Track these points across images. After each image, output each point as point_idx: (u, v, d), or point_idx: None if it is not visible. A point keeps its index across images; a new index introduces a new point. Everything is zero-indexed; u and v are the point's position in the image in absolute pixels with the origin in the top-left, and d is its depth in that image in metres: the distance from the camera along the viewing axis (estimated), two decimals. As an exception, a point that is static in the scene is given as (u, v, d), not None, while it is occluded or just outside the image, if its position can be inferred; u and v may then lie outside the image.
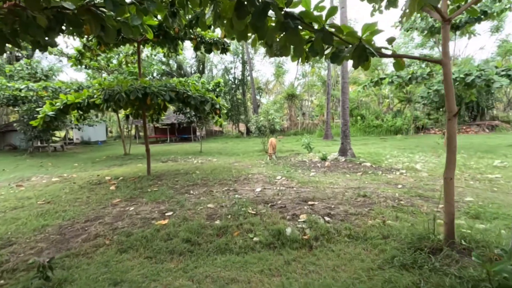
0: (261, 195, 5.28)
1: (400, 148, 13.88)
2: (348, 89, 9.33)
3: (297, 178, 6.83)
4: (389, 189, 5.36)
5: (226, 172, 8.27)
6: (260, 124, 13.51)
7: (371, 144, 16.95)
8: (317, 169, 8.13)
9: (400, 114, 24.05)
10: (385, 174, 6.98)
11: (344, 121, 9.30)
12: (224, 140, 26.59)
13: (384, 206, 4.22)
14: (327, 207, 4.31)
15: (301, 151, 13.09)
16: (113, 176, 8.33)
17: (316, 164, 8.91)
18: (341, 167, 8.09)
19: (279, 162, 9.97)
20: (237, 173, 7.92)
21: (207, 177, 7.52)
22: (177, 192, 5.87)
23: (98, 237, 3.45)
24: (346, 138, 9.30)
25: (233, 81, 29.20)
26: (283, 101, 31.20)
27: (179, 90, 6.44)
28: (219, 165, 10.07)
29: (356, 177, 6.82)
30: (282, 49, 3.05)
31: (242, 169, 8.89)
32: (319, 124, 27.85)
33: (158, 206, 4.79)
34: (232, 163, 10.57)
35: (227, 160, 11.79)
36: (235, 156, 13.26)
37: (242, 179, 7.10)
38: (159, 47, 9.15)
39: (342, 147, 9.38)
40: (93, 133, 27.59)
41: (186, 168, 9.53)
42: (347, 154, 9.23)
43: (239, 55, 28.15)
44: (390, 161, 9.00)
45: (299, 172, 7.89)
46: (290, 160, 10.57)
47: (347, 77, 9.16)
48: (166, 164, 11.08)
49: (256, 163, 10.16)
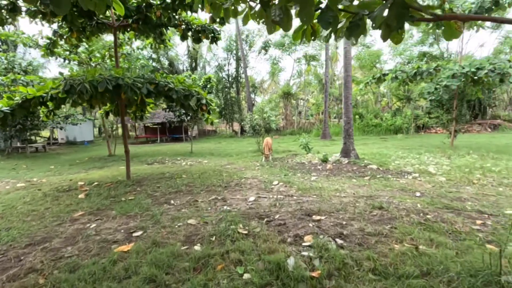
0: (255, 206, 4.41)
1: (403, 148, 13.16)
2: (351, 84, 8.53)
3: (297, 183, 5.99)
4: (407, 198, 4.54)
5: (216, 176, 7.39)
6: (254, 123, 12.65)
7: (371, 144, 16.23)
8: (318, 173, 7.30)
9: (400, 113, 23.43)
10: (396, 179, 6.18)
11: (347, 119, 8.49)
12: (217, 140, 25.67)
13: (408, 223, 3.39)
14: (337, 223, 3.47)
15: (298, 152, 12.27)
16: (88, 181, 7.38)
17: (316, 167, 8.09)
18: (345, 170, 7.27)
19: (276, 164, 9.12)
20: (228, 178, 7.05)
21: (194, 182, 6.64)
22: (155, 202, 4.98)
23: (32, 272, 2.54)
24: (349, 138, 8.50)
25: (226, 78, 28.28)
26: (279, 99, 30.40)
27: (159, 83, 5.53)
28: (209, 167, 9.19)
29: (364, 182, 6.00)
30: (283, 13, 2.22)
31: (235, 172, 8.03)
32: (316, 123, 27.12)
33: (127, 222, 3.89)
34: (224, 166, 9.70)
35: (219, 162, 10.91)
36: (228, 157, 12.38)
37: (233, 184, 6.23)
38: (141, 35, 8.22)
39: (345, 147, 8.57)
40: (79, 132, 26.39)
41: (172, 172, 8.62)
42: (351, 156, 8.43)
43: (233, 51, 27.24)
44: (398, 163, 8.22)
45: (298, 176, 7.05)
46: (288, 161, 9.73)
47: (351, 70, 8.37)
48: (150, 167, 10.15)
49: (250, 165, 9.30)
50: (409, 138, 18.48)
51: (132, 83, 5.12)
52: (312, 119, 29.31)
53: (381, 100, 27.44)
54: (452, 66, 9.96)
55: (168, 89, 5.57)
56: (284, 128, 28.29)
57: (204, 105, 5.99)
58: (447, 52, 24.07)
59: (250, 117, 12.93)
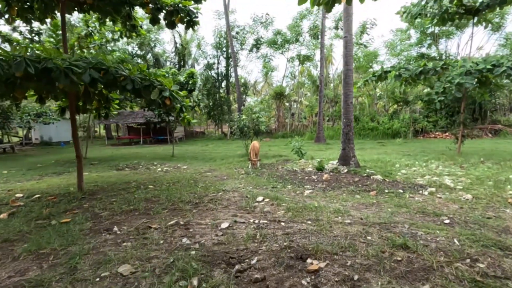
0: (227, 238, 3.17)
1: (404, 154, 12.12)
2: (352, 80, 7.40)
3: (287, 200, 4.78)
4: (435, 227, 3.37)
5: (189, 187, 6.14)
6: (242, 124, 11.42)
7: (369, 148, 15.20)
8: (313, 185, 6.10)
9: (397, 116, 22.57)
10: (410, 195, 5.02)
11: (347, 120, 7.33)
12: (204, 142, 24.32)
13: (456, 279, 2.21)
14: (346, 277, 2.26)
15: (290, 157, 11.08)
16: (29, 193, 6.02)
17: (310, 176, 6.89)
18: (345, 182, 6.09)
19: (263, 172, 7.90)
20: (203, 190, 5.80)
21: (159, 196, 5.36)
22: (94, 228, 3.69)
23: None
24: (349, 143, 7.34)
25: (216, 77, 26.98)
26: (271, 101, 29.27)
27: (109, 69, 4.25)
28: (186, 175, 7.91)
29: (371, 199, 4.83)
30: None
31: (214, 182, 6.79)
32: (309, 125, 26.07)
33: (26, 269, 2.60)
34: (203, 173, 8.44)
35: (200, 167, 9.65)
36: (211, 162, 11.11)
37: (207, 200, 4.98)
38: (102, 15, 6.93)
39: (344, 153, 7.41)
40: (56, 132, 24.64)
41: (140, 180, 7.32)
42: (350, 163, 7.27)
43: (223, 48, 25.98)
44: (405, 173, 7.11)
45: (289, 188, 5.83)
46: (277, 169, 8.53)
47: (351, 63, 7.24)
48: (118, 174, 8.80)
49: (234, 173, 8.06)
50: (408, 143, 17.54)
51: (67, 67, 3.83)
52: (306, 121, 28.26)
53: (377, 102, 26.59)
54: (464, 63, 8.96)
55: (121, 77, 4.29)
56: (276, 130, 27.14)
57: (167, 98, 4.71)
58: (445, 54, 23.38)
59: (237, 117, 11.70)
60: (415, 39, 24.67)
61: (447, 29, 22.72)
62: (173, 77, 12.14)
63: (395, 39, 24.90)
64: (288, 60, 27.26)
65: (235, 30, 25.52)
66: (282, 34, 24.76)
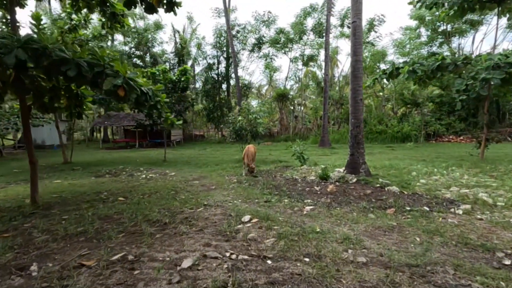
0: (182, 290, 2.14)
1: (419, 159, 10.98)
2: (362, 72, 6.36)
3: (280, 221, 3.74)
4: (494, 273, 2.29)
5: (166, 200, 5.14)
6: (238, 126, 10.41)
7: (377, 153, 14.06)
8: (315, 198, 5.03)
9: (407, 119, 21.39)
10: (439, 214, 3.94)
11: (355, 121, 6.26)
12: (203, 145, 23.36)
13: None
14: None
15: (291, 163, 10.02)
16: (-26, 206, 5.06)
17: (313, 187, 5.83)
18: (354, 196, 5.00)
19: (258, 181, 6.86)
20: (181, 204, 4.79)
21: (124, 212, 4.36)
22: (8, 265, 2.68)
23: None
24: (359, 147, 6.26)
25: (216, 78, 26.08)
26: (274, 103, 28.28)
27: (46, 49, 3.27)
28: (168, 184, 6.92)
29: (390, 219, 3.76)
30: None
31: (198, 193, 5.78)
32: (313, 128, 24.97)
33: None
34: (190, 181, 7.45)
35: (189, 174, 8.66)
36: (204, 168, 10.11)
37: (179, 220, 3.96)
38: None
39: (352, 160, 6.32)
40: (48, 135, 23.90)
41: (114, 190, 6.35)
42: (360, 171, 6.19)
43: (223, 48, 25.11)
44: (425, 183, 6.01)
45: (286, 203, 4.77)
46: (275, 177, 7.47)
47: (361, 53, 6.16)
48: (95, 181, 7.82)
49: (225, 182, 7.04)
50: (420, 147, 16.35)
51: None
52: (310, 124, 27.16)
53: (385, 104, 25.40)
54: (490, 56, 7.86)
55: (58, 59, 3.30)
56: (279, 133, 26.09)
57: (120, 87, 3.70)
58: (458, 52, 22.20)
59: (232, 118, 10.71)
60: (426, 37, 23.56)
61: (459, 26, 21.58)
62: (164, 75, 11.19)
63: (404, 37, 23.77)
64: (291, 60, 26.30)
65: (236, 29, 24.67)
66: (285, 33, 23.83)
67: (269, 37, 24.61)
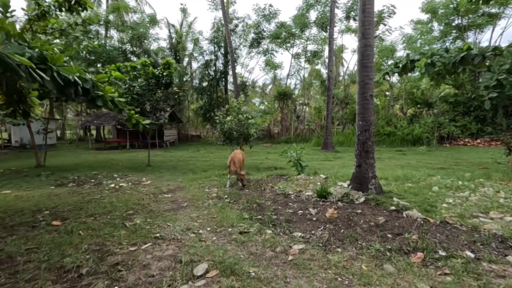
0: None
1: (435, 167, 9.65)
2: (373, 60, 5.07)
3: (249, 276, 2.47)
4: None
5: (113, 227, 3.92)
6: (227, 128, 9.15)
7: (387, 159, 12.71)
8: (308, 230, 3.75)
9: (417, 120, 19.95)
10: (493, 267, 2.63)
11: (364, 123, 4.93)
12: (198, 147, 22.15)
13: None
14: None
15: (288, 170, 8.73)
16: None
17: (307, 209, 4.53)
18: (363, 226, 3.69)
19: (242, 196, 5.60)
20: (128, 235, 3.59)
21: (41, 247, 3.14)
22: None
23: None
24: (367, 156, 4.95)
25: (213, 75, 24.82)
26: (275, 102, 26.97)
27: None
28: (134, 198, 5.71)
29: (419, 279, 2.46)
30: None
31: (160, 215, 4.56)
32: (316, 129, 23.61)
33: None
34: (163, 193, 6.26)
35: (166, 184, 7.47)
36: (188, 175, 8.89)
37: (105, 268, 2.72)
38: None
39: (359, 173, 5.01)
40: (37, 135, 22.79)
41: (60, 207, 5.20)
42: (369, 188, 4.88)
43: (221, 43, 23.84)
44: (453, 204, 4.69)
45: (267, 237, 3.50)
46: (264, 190, 6.20)
47: (372, 34, 4.83)
48: (49, 192, 6.61)
49: (202, 196, 5.81)
50: (433, 152, 14.94)
51: None
52: (313, 125, 25.80)
53: (393, 104, 23.93)
54: (530, 43, 6.48)
55: None
56: (279, 134, 24.78)
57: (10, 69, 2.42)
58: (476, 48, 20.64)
59: (220, 118, 9.44)
60: (438, 32, 22.07)
61: (475, 19, 20.06)
62: (144, 69, 9.97)
63: (414, 32, 22.30)
64: (293, 57, 24.95)
65: (234, 23, 23.42)
66: (286, 27, 22.50)
67: (270, 32, 23.29)
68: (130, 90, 10.02)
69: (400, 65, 8.63)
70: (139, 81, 10.16)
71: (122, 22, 23.55)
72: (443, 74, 8.92)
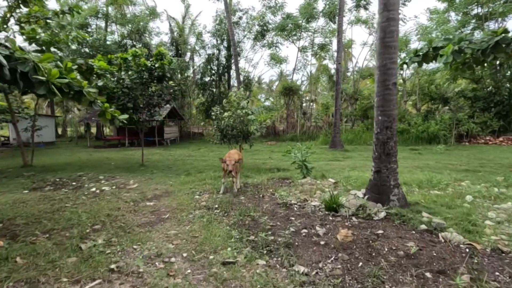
0: None
1: (458, 169, 8.62)
2: (397, 39, 4.11)
3: None
4: None
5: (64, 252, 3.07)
6: (224, 125, 8.27)
7: (401, 159, 11.63)
8: (313, 260, 2.83)
9: (432, 116, 18.75)
10: None
11: (385, 118, 3.92)
12: (199, 145, 21.36)
13: None
14: None
15: (292, 172, 7.81)
16: None
17: (313, 227, 3.62)
18: (389, 259, 2.76)
19: (235, 205, 4.72)
20: (78, 265, 2.71)
21: None
22: None
23: None
24: (389, 160, 3.98)
25: (216, 70, 23.93)
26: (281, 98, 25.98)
27: None
28: (110, 207, 4.90)
29: None
30: None
31: (131, 231, 3.73)
32: (324, 127, 22.56)
33: None
34: (145, 201, 5.42)
35: (153, 188, 6.65)
36: (181, 177, 8.06)
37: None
38: None
39: (379, 179, 4.05)
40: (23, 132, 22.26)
41: (22, 217, 4.42)
42: (391, 199, 3.93)
43: (223, 36, 22.90)
44: (498, 221, 3.73)
45: (258, 271, 2.60)
46: (263, 198, 5.31)
47: (397, 5, 3.86)
48: (18, 198, 5.83)
49: (188, 205, 4.97)
50: (451, 151, 13.81)
51: None
52: (320, 122, 24.73)
53: (406, 99, 22.70)
54: None
55: None
56: (285, 132, 23.80)
57: None
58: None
59: (217, 113, 8.55)
60: (456, 22, 20.73)
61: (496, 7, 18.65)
62: (135, 60, 9.13)
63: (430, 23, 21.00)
64: (300, 50, 23.87)
65: (238, 15, 22.44)
66: (292, 18, 21.43)
67: (275, 24, 22.24)
68: (119, 83, 9.20)
69: (421, 53, 7.60)
70: (129, 73, 9.33)
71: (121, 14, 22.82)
72: (469, 64, 7.86)
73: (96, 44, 19.79)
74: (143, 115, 10.68)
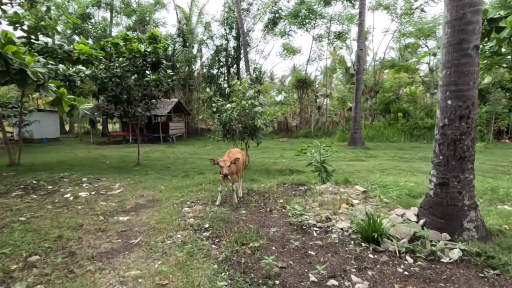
0: None
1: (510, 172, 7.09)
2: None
3: None
4: None
5: None
6: (226, 118, 7.05)
7: (436, 158, 10.10)
8: None
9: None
10: None
11: (458, 103, 2.58)
12: (206, 142, 20.23)
13: None
14: None
15: (307, 175, 6.49)
16: None
17: (345, 274, 2.35)
18: None
19: (232, 224, 3.48)
20: None
21: None
22: None
23: None
24: (462, 168, 2.63)
25: (224, 61, 22.67)
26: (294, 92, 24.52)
27: None
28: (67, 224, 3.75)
29: None
30: None
31: (66, 274, 2.50)
32: (340, 122, 20.99)
33: None
34: (119, 214, 4.26)
35: (138, 195, 5.55)
36: (174, 179, 6.94)
37: None
38: None
39: (445, 195, 2.69)
40: (37, 128, 21.75)
41: None
42: (465, 227, 2.60)
43: (232, 25, 21.60)
44: None
45: None
46: (271, 212, 4.06)
47: None
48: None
49: (172, 222, 3.79)
50: (493, 149, 12.10)
51: None
52: (336, 117, 23.14)
53: (434, 92, 20.77)
54: None
55: None
56: (298, 128, 22.36)
57: None
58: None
59: (217, 105, 7.34)
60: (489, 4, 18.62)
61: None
62: (126, 44, 8.01)
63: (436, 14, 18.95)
64: (315, 39, 22.30)
65: (247, 1, 21.06)
66: (306, 3, 19.89)
67: (288, 10, 20.74)
68: (108, 71, 8.12)
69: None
70: (120, 60, 8.23)
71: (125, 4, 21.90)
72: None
73: (99, 34, 18.91)
74: (138, 108, 9.60)
